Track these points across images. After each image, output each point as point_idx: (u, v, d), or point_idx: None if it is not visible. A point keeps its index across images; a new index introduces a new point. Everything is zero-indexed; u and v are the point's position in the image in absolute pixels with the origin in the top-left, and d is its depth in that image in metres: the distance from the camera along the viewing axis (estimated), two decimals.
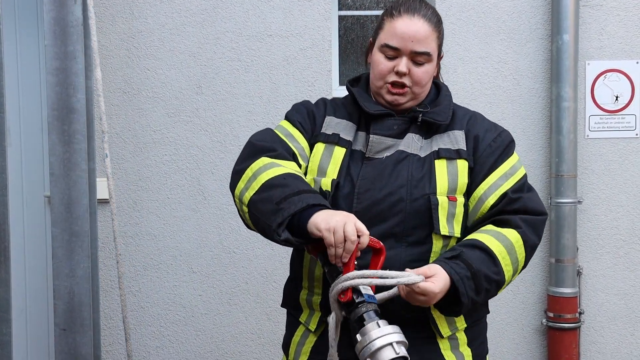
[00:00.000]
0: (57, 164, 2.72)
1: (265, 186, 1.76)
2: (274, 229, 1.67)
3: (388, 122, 1.93)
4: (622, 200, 3.79)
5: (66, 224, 2.76)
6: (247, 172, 1.84)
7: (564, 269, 3.68)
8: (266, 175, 1.78)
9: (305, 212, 1.68)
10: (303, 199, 1.69)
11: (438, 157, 1.90)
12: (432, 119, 1.93)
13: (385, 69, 1.92)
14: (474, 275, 1.75)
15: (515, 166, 1.95)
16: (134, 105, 3.67)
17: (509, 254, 1.82)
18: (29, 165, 3.81)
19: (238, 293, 3.75)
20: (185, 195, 3.71)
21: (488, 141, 1.94)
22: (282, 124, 2.03)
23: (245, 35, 3.69)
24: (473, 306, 1.81)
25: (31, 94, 3.79)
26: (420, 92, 1.95)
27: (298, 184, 1.74)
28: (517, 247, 1.83)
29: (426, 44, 1.90)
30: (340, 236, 1.61)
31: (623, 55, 3.77)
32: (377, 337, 1.58)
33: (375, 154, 1.91)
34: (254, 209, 1.77)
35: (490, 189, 1.89)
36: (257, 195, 1.76)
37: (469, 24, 3.75)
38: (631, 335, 3.83)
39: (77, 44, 2.70)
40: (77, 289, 2.80)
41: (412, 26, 1.88)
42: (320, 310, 1.93)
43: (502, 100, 3.76)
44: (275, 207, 1.69)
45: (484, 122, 2.00)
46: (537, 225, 1.89)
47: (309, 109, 2.05)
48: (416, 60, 1.90)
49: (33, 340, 3.84)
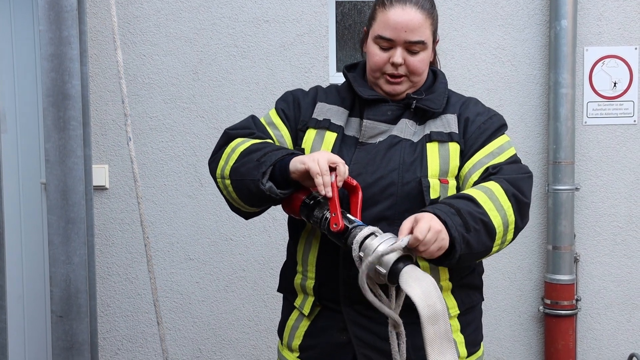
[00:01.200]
0: (52, 150, 2.71)
1: (244, 153, 1.84)
2: (258, 179, 1.74)
3: (382, 107, 1.94)
4: (620, 187, 3.79)
5: (62, 211, 2.75)
6: (225, 151, 1.91)
7: (561, 256, 3.68)
8: (244, 145, 1.86)
9: (285, 160, 1.76)
10: (282, 151, 1.79)
11: (430, 140, 1.90)
12: (425, 106, 1.93)
13: (380, 60, 1.91)
14: (458, 212, 1.69)
15: (504, 146, 1.93)
16: (129, 91, 3.65)
17: (490, 199, 1.76)
18: (25, 152, 3.80)
19: (235, 280, 3.75)
20: (182, 182, 3.70)
21: (478, 123, 1.94)
22: (269, 112, 2.07)
23: (242, 21, 3.67)
24: (469, 250, 1.70)
25: (26, 80, 3.77)
26: (417, 80, 1.95)
27: (275, 146, 1.83)
28: (497, 194, 1.78)
29: (420, 32, 1.88)
30: (324, 163, 1.70)
31: (621, 41, 3.76)
32: (378, 244, 1.62)
33: (368, 139, 1.92)
34: (235, 175, 1.84)
35: (474, 167, 1.89)
36: (238, 162, 1.84)
37: (467, 10, 3.73)
38: (628, 322, 3.84)
39: (72, 30, 2.67)
40: (74, 276, 2.79)
41: (405, 16, 1.87)
42: (314, 295, 1.94)
43: (499, 87, 3.74)
44: (257, 163, 1.78)
45: (477, 106, 2.00)
46: (517, 180, 1.84)
47: (296, 96, 2.06)
48: (411, 50, 1.89)
49: (29, 327, 3.84)
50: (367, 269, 1.60)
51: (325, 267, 1.89)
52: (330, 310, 1.92)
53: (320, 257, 1.90)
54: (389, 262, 1.60)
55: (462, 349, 1.94)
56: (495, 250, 1.79)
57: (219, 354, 3.78)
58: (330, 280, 1.89)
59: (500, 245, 1.80)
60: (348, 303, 1.88)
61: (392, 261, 1.60)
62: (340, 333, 1.90)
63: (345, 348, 1.89)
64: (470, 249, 1.70)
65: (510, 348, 3.85)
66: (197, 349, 3.77)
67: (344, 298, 1.88)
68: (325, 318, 1.93)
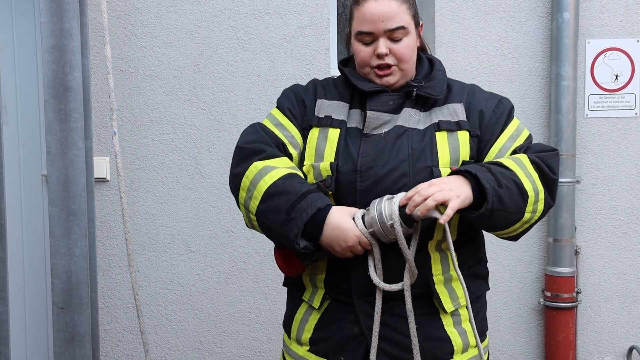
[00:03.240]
0: (54, 142, 2.71)
1: (267, 195, 1.82)
2: (292, 240, 1.77)
3: (383, 97, 1.94)
4: (621, 180, 3.79)
5: (63, 203, 2.75)
6: (244, 181, 1.88)
7: (561, 249, 3.69)
8: (264, 183, 1.83)
9: (316, 217, 1.77)
10: (310, 202, 1.78)
11: (439, 130, 1.91)
12: (426, 93, 1.93)
13: (366, 55, 1.93)
14: (489, 169, 1.77)
15: (519, 128, 1.98)
16: (130, 83, 3.65)
17: (519, 166, 1.83)
18: (26, 144, 3.80)
19: (236, 272, 3.75)
20: (183, 174, 3.70)
21: (491, 108, 1.96)
22: (273, 112, 2.04)
23: (243, 13, 3.67)
24: (501, 206, 1.76)
25: (27, 72, 3.76)
26: (407, 67, 1.95)
27: (298, 186, 1.81)
28: (525, 163, 1.84)
29: (398, 18, 1.89)
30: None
31: (623, 33, 3.75)
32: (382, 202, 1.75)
33: (373, 130, 1.91)
34: (263, 219, 1.84)
35: (500, 152, 1.92)
36: (263, 205, 1.83)
37: (468, 2, 3.72)
38: (628, 314, 3.84)
39: (73, 22, 2.67)
40: (75, 268, 2.80)
41: (379, 7, 1.88)
42: (324, 288, 1.94)
43: (501, 79, 3.74)
44: (286, 217, 1.78)
45: (482, 93, 2.01)
46: (545, 157, 1.89)
47: (298, 94, 2.05)
48: (393, 38, 1.90)
49: (31, 319, 3.85)
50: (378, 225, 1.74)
51: (336, 260, 1.88)
52: (341, 303, 1.92)
53: None
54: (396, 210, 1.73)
55: (472, 338, 1.95)
56: (527, 218, 1.83)
57: (220, 345, 3.79)
58: (341, 272, 1.89)
59: (532, 214, 1.83)
60: (360, 295, 1.88)
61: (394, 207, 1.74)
62: (352, 325, 1.90)
63: (357, 340, 1.89)
64: (503, 205, 1.75)
65: (511, 340, 3.86)
66: (197, 341, 3.78)
67: (356, 290, 1.88)
68: (336, 310, 1.93)
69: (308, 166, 1.93)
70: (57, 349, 2.83)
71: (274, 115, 2.03)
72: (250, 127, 2.02)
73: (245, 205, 1.88)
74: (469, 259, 1.97)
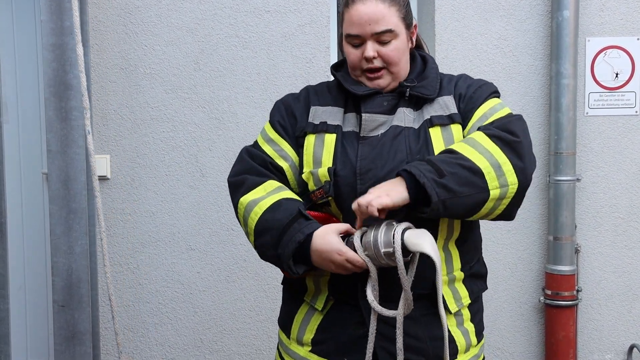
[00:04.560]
0: (54, 140, 2.71)
1: (257, 233, 1.89)
2: (288, 271, 1.86)
3: (378, 99, 1.94)
4: (621, 178, 3.79)
5: (64, 201, 2.75)
6: (240, 219, 1.98)
7: (562, 247, 3.69)
8: (251, 221, 1.90)
9: (301, 247, 1.81)
10: (291, 236, 1.82)
11: (432, 125, 1.90)
12: (419, 93, 1.93)
13: (355, 58, 1.93)
14: (428, 161, 1.74)
15: (495, 107, 1.92)
16: (130, 81, 3.65)
17: (472, 146, 1.77)
18: (27, 142, 3.80)
19: (236, 270, 3.76)
20: (183, 172, 3.70)
21: (469, 94, 1.94)
22: (265, 127, 2.07)
23: (243, 11, 3.67)
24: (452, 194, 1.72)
25: (28, 70, 3.77)
26: (397, 70, 1.94)
27: (280, 219, 1.84)
28: (479, 139, 1.79)
29: (385, 22, 1.88)
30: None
31: (624, 31, 3.75)
32: (380, 228, 1.75)
33: (369, 132, 1.91)
34: (262, 255, 1.92)
35: (470, 130, 1.90)
36: (257, 241, 1.90)
37: (468, 0, 3.72)
38: (628, 312, 3.85)
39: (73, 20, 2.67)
40: (75, 266, 2.80)
41: (366, 9, 1.88)
42: (328, 290, 1.93)
43: (501, 77, 3.74)
44: (274, 253, 1.85)
45: (467, 79, 2.01)
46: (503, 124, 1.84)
47: (288, 105, 2.06)
48: (381, 40, 1.90)
49: (31, 317, 3.85)
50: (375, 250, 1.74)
51: None
52: (345, 304, 1.92)
53: None
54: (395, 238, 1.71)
55: (473, 338, 1.96)
56: (499, 193, 1.76)
57: (220, 343, 3.79)
58: (346, 275, 1.87)
59: (502, 188, 1.76)
60: (365, 297, 1.85)
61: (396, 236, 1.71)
62: (357, 326, 1.89)
63: (362, 341, 1.87)
64: (452, 192, 1.71)
65: (511, 339, 3.86)
66: (198, 339, 3.79)
67: (361, 292, 1.86)
68: (340, 311, 1.92)
69: (307, 173, 1.93)
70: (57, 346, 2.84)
71: (266, 131, 2.06)
72: (239, 155, 2.07)
73: (245, 229, 1.96)
74: (471, 258, 1.98)
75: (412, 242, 1.69)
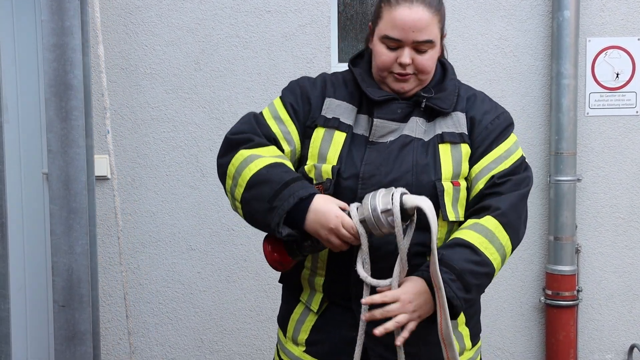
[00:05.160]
0: (54, 140, 2.71)
1: (251, 183, 1.81)
2: (273, 228, 1.76)
3: (392, 106, 1.89)
4: (622, 178, 3.79)
5: (64, 201, 2.75)
6: (230, 169, 1.87)
7: (562, 247, 3.69)
8: (249, 170, 1.82)
9: (298, 205, 1.75)
10: (293, 191, 1.76)
11: (442, 142, 1.87)
12: (436, 105, 1.89)
13: (388, 60, 1.87)
14: (459, 276, 1.74)
15: (511, 149, 1.91)
16: (131, 81, 3.65)
17: (491, 242, 1.79)
18: (27, 142, 3.80)
19: (236, 270, 3.76)
20: (184, 173, 3.70)
21: (485, 123, 1.90)
22: (275, 102, 1.99)
23: (244, 11, 3.67)
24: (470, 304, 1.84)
25: (28, 70, 3.76)
26: (426, 78, 1.90)
27: (281, 175, 1.79)
28: (497, 232, 1.81)
29: (428, 31, 1.83)
30: (338, 243, 1.76)
31: (624, 32, 3.75)
32: (377, 194, 1.74)
33: (378, 138, 1.88)
34: (247, 208, 1.84)
35: (481, 172, 1.87)
36: (247, 193, 1.82)
37: (469, 0, 3.72)
38: (629, 312, 3.85)
39: (74, 20, 2.67)
40: (76, 266, 2.80)
41: (412, 15, 1.81)
42: (323, 292, 1.92)
43: (501, 78, 3.74)
44: (268, 206, 1.77)
45: (484, 104, 1.96)
46: (515, 208, 1.85)
47: (304, 89, 1.99)
48: (419, 49, 1.84)
49: (32, 317, 3.85)
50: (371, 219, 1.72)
51: (337, 265, 1.87)
52: (339, 306, 1.91)
53: (332, 255, 1.87)
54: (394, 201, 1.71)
55: (468, 342, 1.95)
56: (497, 273, 1.90)
57: (221, 343, 3.79)
58: (341, 278, 1.87)
59: (502, 266, 1.90)
60: (359, 301, 1.85)
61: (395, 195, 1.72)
62: (350, 329, 1.87)
63: (355, 344, 1.86)
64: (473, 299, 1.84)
65: (512, 338, 3.86)
66: (198, 339, 3.79)
67: (355, 296, 1.85)
68: (334, 313, 1.92)
69: (310, 166, 1.90)
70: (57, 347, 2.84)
71: (275, 107, 1.98)
72: (245, 116, 1.99)
73: (231, 193, 1.87)
74: None
75: (410, 201, 1.70)
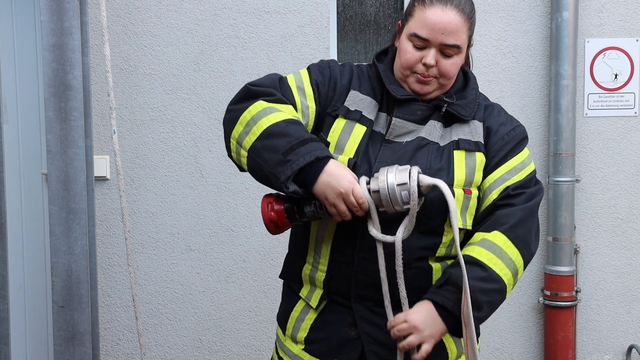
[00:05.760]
0: (54, 141, 2.71)
1: (267, 133, 1.75)
2: (282, 182, 1.70)
3: (412, 106, 1.89)
4: (620, 179, 3.79)
5: (63, 202, 2.75)
6: (244, 115, 1.81)
7: (561, 248, 3.69)
8: (267, 120, 1.76)
9: (313, 165, 1.71)
10: (310, 149, 1.71)
11: (457, 148, 1.87)
12: (456, 112, 1.89)
13: (412, 58, 1.86)
14: None
15: (525, 162, 1.91)
16: (131, 82, 3.66)
17: (500, 257, 1.79)
18: (26, 143, 3.80)
19: (235, 270, 3.76)
20: (183, 173, 3.71)
21: (501, 134, 1.91)
22: (302, 73, 1.97)
23: (243, 12, 3.67)
24: (481, 321, 1.82)
25: (27, 70, 3.76)
26: (447, 83, 1.90)
27: (300, 132, 1.74)
28: (505, 248, 1.80)
29: (457, 36, 1.83)
30: (344, 209, 1.72)
31: (623, 33, 3.75)
32: (393, 168, 1.74)
33: (395, 137, 1.88)
34: (256, 156, 1.77)
35: (495, 183, 1.87)
36: (260, 142, 1.75)
37: None
38: (627, 313, 3.85)
39: (73, 20, 2.68)
40: (75, 266, 2.80)
41: (444, 17, 1.81)
42: (323, 288, 1.92)
43: (500, 78, 3.74)
44: (282, 158, 1.71)
45: (500, 116, 1.96)
46: (526, 223, 1.85)
47: (334, 74, 1.97)
48: (445, 52, 1.84)
49: (31, 317, 3.85)
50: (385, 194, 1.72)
51: (338, 262, 1.87)
52: (338, 305, 1.91)
53: (334, 251, 1.88)
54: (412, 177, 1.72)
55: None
56: (511, 289, 1.86)
57: (220, 344, 3.79)
58: (342, 275, 1.87)
59: (514, 285, 1.87)
60: (359, 300, 1.87)
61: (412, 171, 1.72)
62: (348, 328, 1.88)
63: (353, 343, 1.88)
64: (484, 318, 1.82)
65: (510, 339, 3.86)
66: (197, 339, 3.79)
67: (355, 295, 1.86)
68: (333, 312, 1.92)
69: None
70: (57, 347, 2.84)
71: (302, 77, 1.95)
72: (270, 74, 1.95)
73: (239, 140, 1.81)
74: None
75: (427, 180, 1.70)
